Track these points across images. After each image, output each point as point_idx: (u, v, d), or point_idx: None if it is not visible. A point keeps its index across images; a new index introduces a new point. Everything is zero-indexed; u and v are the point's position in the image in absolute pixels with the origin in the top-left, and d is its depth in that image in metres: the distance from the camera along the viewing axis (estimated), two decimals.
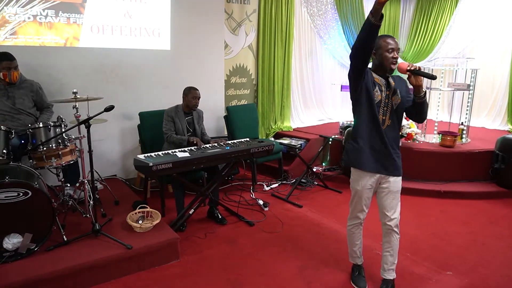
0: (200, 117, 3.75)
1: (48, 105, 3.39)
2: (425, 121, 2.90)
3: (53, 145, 2.87)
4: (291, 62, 5.76)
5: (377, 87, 2.20)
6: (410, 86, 2.23)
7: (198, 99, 3.60)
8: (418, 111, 2.23)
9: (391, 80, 2.26)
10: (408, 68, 2.10)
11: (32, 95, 3.25)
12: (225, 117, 4.79)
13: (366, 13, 6.58)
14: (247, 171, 4.70)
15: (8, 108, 3.13)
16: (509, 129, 5.82)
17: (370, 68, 2.26)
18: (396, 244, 2.41)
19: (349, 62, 2.16)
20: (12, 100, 3.15)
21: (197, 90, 3.60)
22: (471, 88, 4.87)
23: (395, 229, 2.38)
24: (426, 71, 2.41)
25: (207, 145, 3.45)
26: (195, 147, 3.36)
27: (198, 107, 3.69)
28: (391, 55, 2.14)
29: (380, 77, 2.24)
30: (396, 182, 2.31)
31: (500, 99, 6.18)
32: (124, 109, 4.16)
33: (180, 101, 3.67)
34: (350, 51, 2.20)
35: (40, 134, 2.87)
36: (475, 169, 4.51)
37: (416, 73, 2.08)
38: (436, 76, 2.17)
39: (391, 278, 2.46)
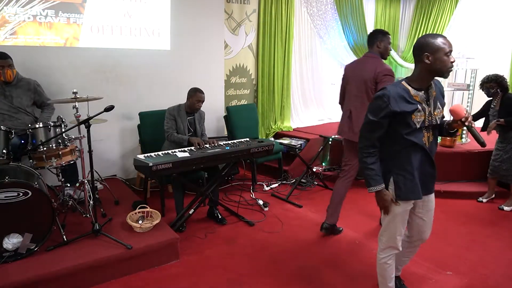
0: (201, 118, 3.75)
1: (48, 103, 3.38)
2: None
3: (53, 145, 2.87)
4: (291, 62, 5.76)
5: (418, 107, 1.89)
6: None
7: (202, 103, 3.60)
8: (443, 133, 2.07)
9: (431, 90, 1.94)
10: (463, 120, 1.87)
11: (30, 94, 3.24)
12: (225, 117, 4.79)
13: (366, 13, 6.60)
14: (247, 171, 4.70)
15: (7, 107, 3.13)
16: None
17: (405, 83, 1.93)
18: (416, 251, 2.40)
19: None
20: (9, 99, 3.14)
21: (203, 93, 3.58)
22: (471, 88, 4.87)
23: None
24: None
25: (207, 145, 3.45)
26: (195, 147, 3.36)
27: None
28: (450, 59, 1.83)
29: (419, 92, 1.90)
30: (432, 197, 2.16)
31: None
32: (124, 109, 4.16)
33: (180, 101, 3.67)
34: (350, 51, 2.13)
35: (40, 134, 2.87)
36: (475, 169, 4.51)
37: (469, 130, 1.89)
38: (485, 143, 1.92)
39: (399, 274, 2.52)
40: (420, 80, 1.91)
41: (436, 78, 1.96)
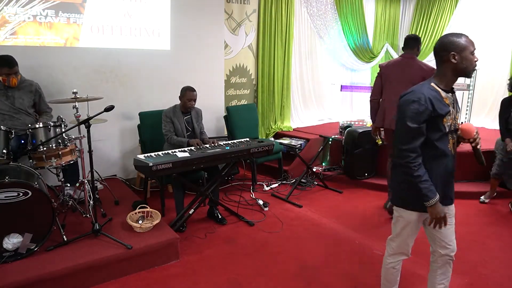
0: (199, 116, 3.75)
1: (47, 109, 3.37)
2: None
3: (53, 145, 2.87)
4: (291, 62, 5.76)
5: (450, 109, 1.80)
6: None
7: (194, 101, 3.58)
8: None
9: (454, 91, 1.88)
10: (471, 141, 1.85)
11: (31, 95, 3.25)
12: (225, 117, 4.79)
13: (366, 13, 6.60)
14: (247, 171, 4.70)
15: (8, 108, 3.13)
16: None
17: (434, 84, 1.82)
18: (451, 274, 2.13)
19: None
20: (11, 100, 3.15)
21: (194, 91, 3.56)
22: (471, 88, 4.87)
23: (453, 258, 2.07)
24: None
25: (207, 145, 3.45)
26: (195, 147, 3.36)
27: (197, 106, 3.69)
28: (475, 58, 1.78)
29: (447, 93, 1.82)
30: (453, 207, 2.03)
31: (499, 99, 6.10)
32: (124, 109, 4.16)
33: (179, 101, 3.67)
34: (350, 51, 2.09)
35: (40, 134, 2.87)
36: (475, 169, 4.50)
37: (475, 151, 1.87)
38: (484, 163, 1.93)
39: None
40: (446, 81, 1.82)
41: None
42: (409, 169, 1.78)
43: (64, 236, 2.68)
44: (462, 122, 5.10)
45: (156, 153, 3.13)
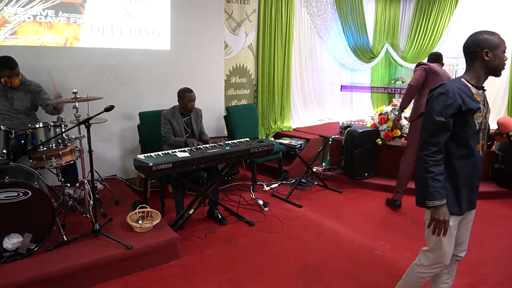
0: (198, 116, 3.75)
1: (48, 103, 3.34)
2: None
3: (53, 145, 2.87)
4: (291, 62, 5.75)
5: (481, 106, 1.75)
6: None
7: (194, 100, 3.59)
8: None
9: (485, 89, 1.83)
10: (511, 134, 1.79)
11: (30, 96, 3.25)
12: (225, 117, 4.79)
13: (366, 13, 6.61)
14: (247, 171, 4.70)
15: (7, 108, 3.14)
16: None
17: (465, 80, 1.78)
18: (455, 273, 2.11)
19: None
20: (10, 101, 3.16)
21: (191, 92, 3.55)
22: None
23: (461, 258, 2.06)
24: None
25: (207, 145, 3.45)
26: (195, 147, 3.36)
27: (198, 106, 3.69)
28: (506, 57, 1.77)
29: (479, 90, 1.78)
30: (473, 210, 2.00)
31: (500, 99, 6.17)
32: (124, 109, 4.16)
33: None
34: (350, 51, 2.07)
35: (40, 134, 2.87)
36: None
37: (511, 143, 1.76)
38: None
39: None
40: (476, 78, 1.78)
41: None
42: (425, 162, 1.73)
43: (64, 236, 2.68)
44: None
45: (156, 153, 3.13)
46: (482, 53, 1.73)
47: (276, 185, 4.57)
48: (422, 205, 1.82)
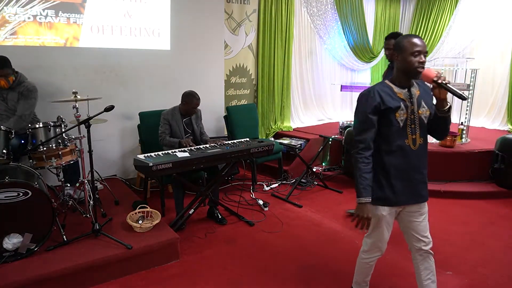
0: (198, 117, 3.75)
1: (21, 114, 3.16)
2: None
3: (53, 145, 2.87)
4: (291, 62, 5.75)
5: (402, 104, 1.86)
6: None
7: (198, 104, 3.60)
8: (440, 127, 1.94)
9: (414, 89, 1.91)
10: (435, 79, 1.78)
11: (19, 97, 3.22)
12: (225, 117, 4.79)
13: (366, 13, 6.60)
14: (247, 171, 4.69)
15: (4, 108, 3.16)
16: (509, 129, 5.82)
17: (388, 81, 1.93)
18: (434, 268, 2.10)
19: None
20: (6, 101, 3.17)
21: (199, 99, 3.55)
22: (471, 88, 4.86)
23: (431, 250, 2.07)
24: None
25: (207, 145, 3.45)
26: (195, 147, 3.36)
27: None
28: (417, 59, 1.80)
29: (402, 89, 1.89)
30: (425, 203, 2.04)
31: (500, 99, 6.18)
32: (124, 109, 4.16)
33: (180, 101, 3.67)
34: (350, 51, 2.10)
35: (40, 134, 2.88)
36: (475, 169, 4.50)
37: (444, 87, 1.77)
38: (466, 97, 1.84)
39: None
40: (399, 78, 1.89)
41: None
42: (355, 160, 1.90)
43: (64, 236, 2.68)
44: (462, 123, 5.11)
45: (156, 153, 3.13)
46: (395, 55, 1.87)
47: (276, 185, 4.57)
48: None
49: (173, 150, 3.21)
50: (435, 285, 2.10)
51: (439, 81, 1.78)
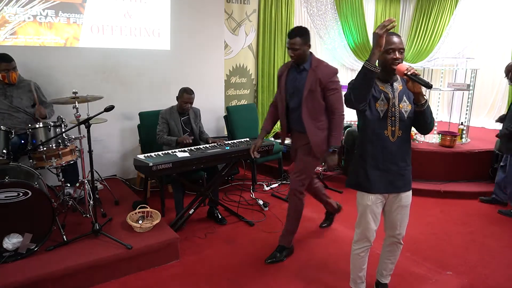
0: (196, 116, 3.74)
1: (47, 104, 3.37)
2: None
3: (53, 145, 2.87)
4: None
5: (382, 96, 1.99)
6: None
7: (191, 104, 3.57)
8: (419, 121, 2.00)
9: (396, 84, 2.04)
10: (405, 72, 1.85)
11: (30, 95, 3.25)
12: (225, 117, 4.79)
13: (366, 13, 6.60)
14: (247, 171, 4.70)
15: (6, 107, 3.14)
16: None
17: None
18: (398, 254, 2.33)
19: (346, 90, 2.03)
20: (9, 99, 3.16)
21: (191, 94, 3.53)
22: (471, 88, 4.87)
23: (401, 241, 2.27)
24: (423, 76, 2.08)
25: (207, 145, 3.45)
26: (195, 147, 3.36)
27: (197, 106, 3.69)
28: (391, 56, 1.91)
29: (385, 84, 2.02)
30: (407, 197, 2.14)
31: (499, 99, 6.18)
32: (124, 109, 4.16)
33: None
34: (350, 51, 2.13)
35: (40, 134, 2.87)
36: (475, 169, 4.51)
37: (411, 78, 1.84)
38: (432, 85, 1.91)
39: (387, 282, 2.43)
40: (381, 74, 1.98)
41: None
42: (351, 85, 2.07)
43: (64, 236, 2.68)
44: (462, 123, 5.11)
45: (156, 153, 3.13)
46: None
47: (276, 185, 4.57)
48: (352, 187, 2.21)
49: (173, 150, 3.20)
50: (393, 266, 2.36)
51: (408, 73, 1.85)
